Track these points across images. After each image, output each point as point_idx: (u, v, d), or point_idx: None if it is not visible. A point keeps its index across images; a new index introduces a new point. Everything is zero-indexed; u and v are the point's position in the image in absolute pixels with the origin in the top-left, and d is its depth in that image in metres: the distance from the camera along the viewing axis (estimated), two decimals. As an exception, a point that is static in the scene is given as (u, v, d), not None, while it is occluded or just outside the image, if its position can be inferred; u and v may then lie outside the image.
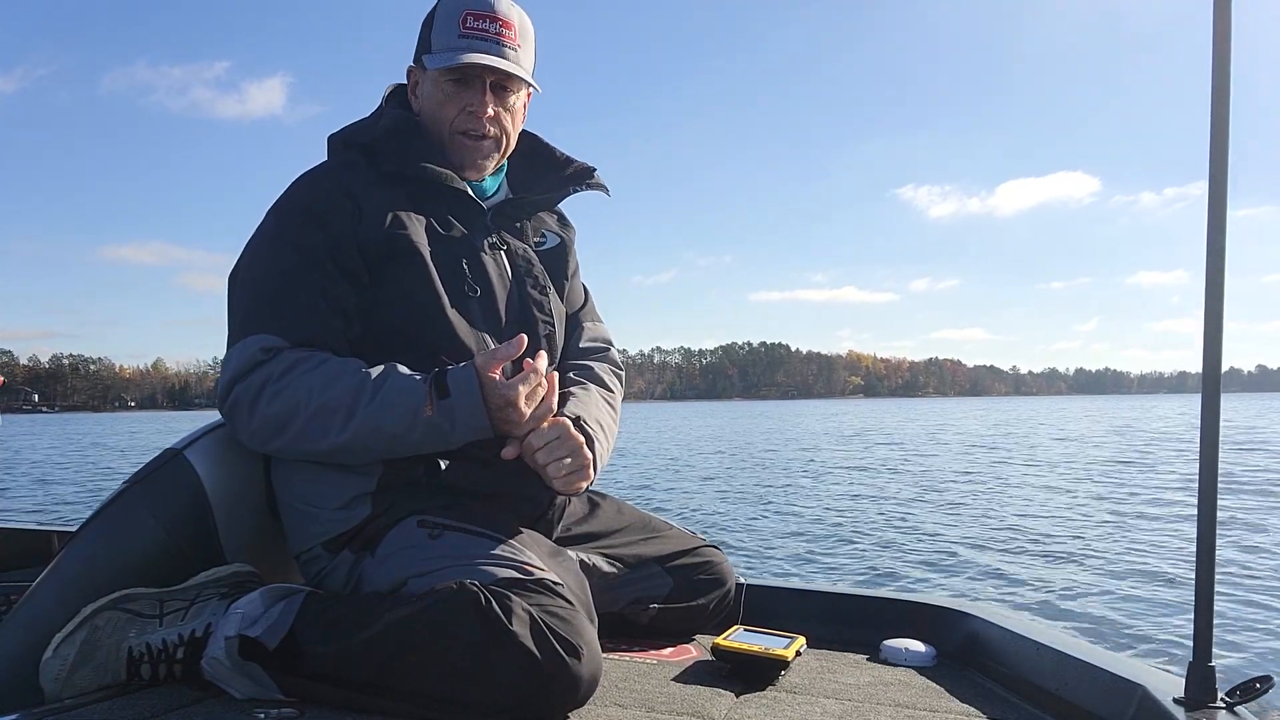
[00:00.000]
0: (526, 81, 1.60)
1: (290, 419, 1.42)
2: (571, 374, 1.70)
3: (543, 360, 1.48)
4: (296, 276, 1.48)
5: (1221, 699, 1.13)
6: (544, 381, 1.47)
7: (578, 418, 1.53)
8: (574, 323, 1.81)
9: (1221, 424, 1.16)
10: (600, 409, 1.63)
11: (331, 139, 1.65)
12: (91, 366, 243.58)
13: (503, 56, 1.57)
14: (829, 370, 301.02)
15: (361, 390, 1.41)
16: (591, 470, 1.52)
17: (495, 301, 1.59)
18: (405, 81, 1.69)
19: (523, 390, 1.42)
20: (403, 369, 1.45)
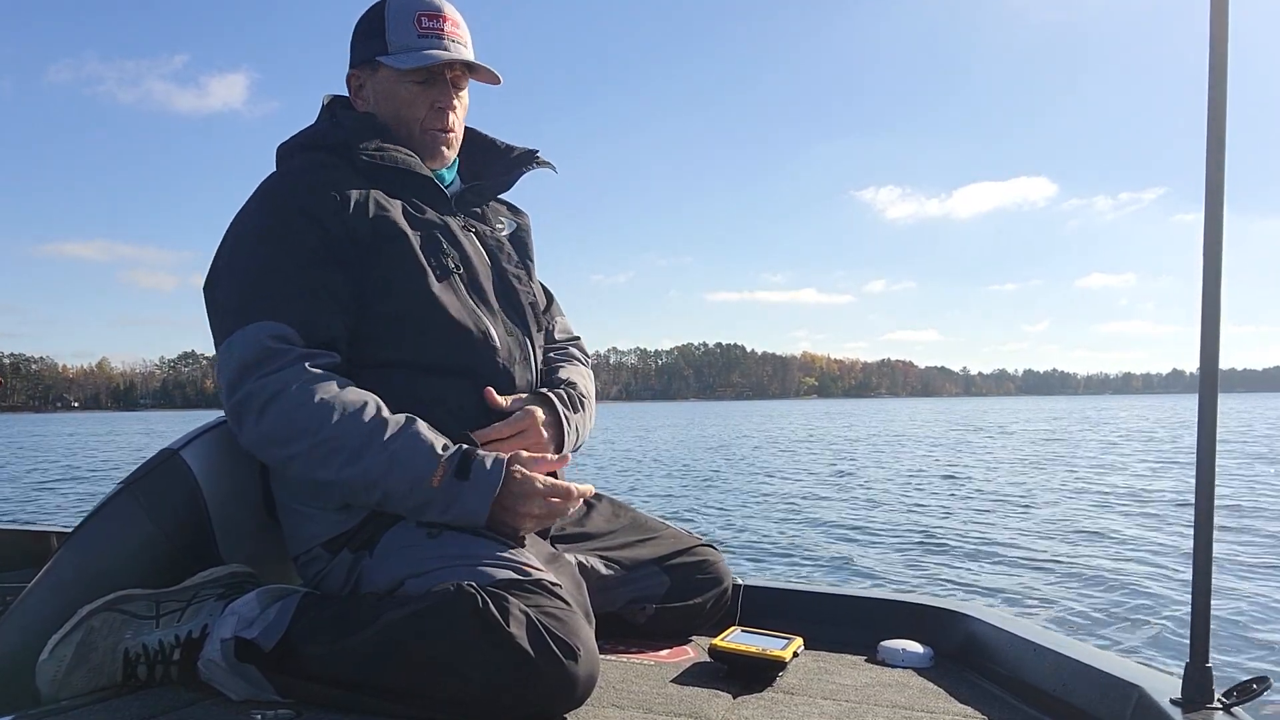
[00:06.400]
0: (491, 74, 1.67)
1: (296, 438, 1.38)
2: (552, 353, 1.79)
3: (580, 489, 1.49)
4: (298, 270, 1.46)
5: (1219, 699, 1.13)
6: (572, 499, 1.47)
7: (571, 382, 1.70)
8: (548, 316, 1.85)
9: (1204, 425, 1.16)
10: (588, 382, 1.78)
11: (287, 147, 1.64)
12: (33, 366, 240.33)
13: (460, 54, 1.63)
14: (784, 371, 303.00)
15: (375, 434, 1.39)
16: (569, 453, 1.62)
17: (479, 278, 1.62)
18: (335, 93, 1.71)
19: (542, 489, 1.43)
20: (422, 425, 1.42)
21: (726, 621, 1.77)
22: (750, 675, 1.49)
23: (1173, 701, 1.14)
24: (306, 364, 1.42)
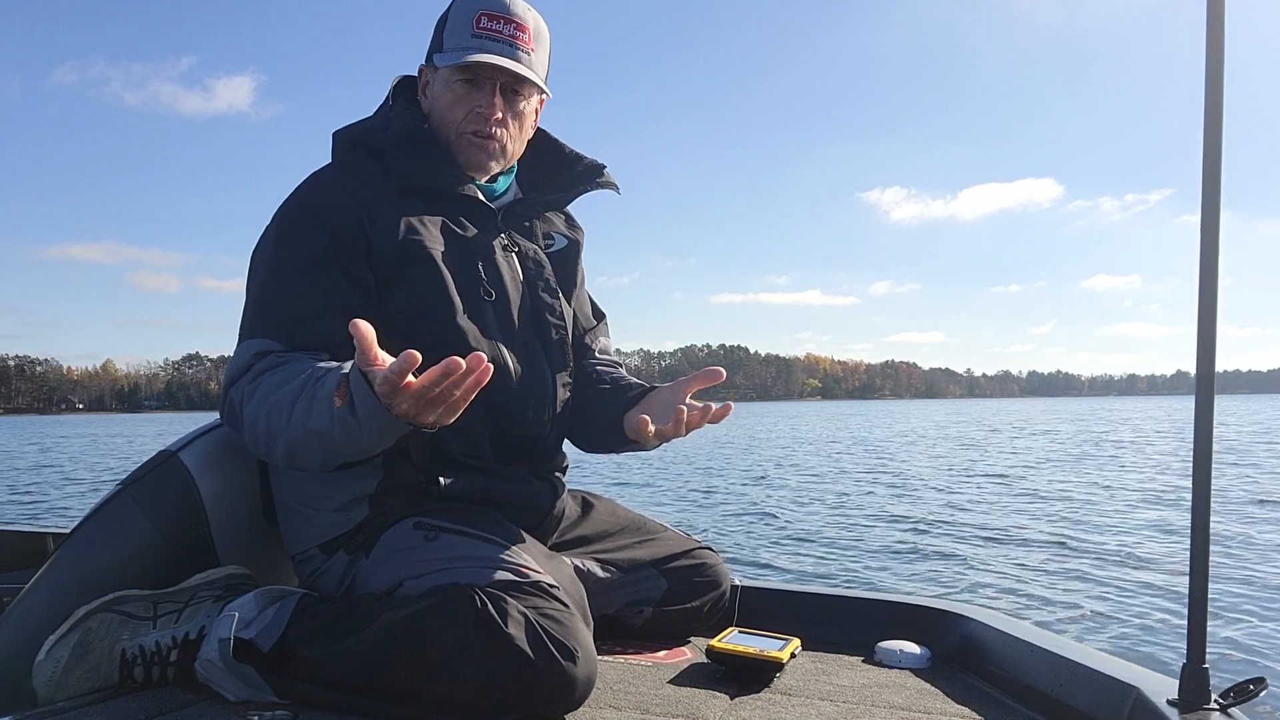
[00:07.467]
0: (538, 86, 1.57)
1: (257, 422, 1.33)
2: (601, 367, 1.76)
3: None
4: (295, 279, 1.44)
5: (1215, 700, 1.13)
6: (443, 370, 1.13)
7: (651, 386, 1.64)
8: (591, 338, 1.81)
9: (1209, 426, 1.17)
10: None
11: (339, 137, 1.61)
12: (38, 368, 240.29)
13: (515, 59, 1.53)
14: (787, 373, 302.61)
15: (304, 386, 1.28)
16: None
17: (509, 306, 1.58)
18: (407, 74, 1.67)
19: (398, 371, 1.11)
20: (348, 365, 1.24)
21: (724, 622, 1.77)
22: (748, 676, 1.49)
23: (1169, 702, 1.14)
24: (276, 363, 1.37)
